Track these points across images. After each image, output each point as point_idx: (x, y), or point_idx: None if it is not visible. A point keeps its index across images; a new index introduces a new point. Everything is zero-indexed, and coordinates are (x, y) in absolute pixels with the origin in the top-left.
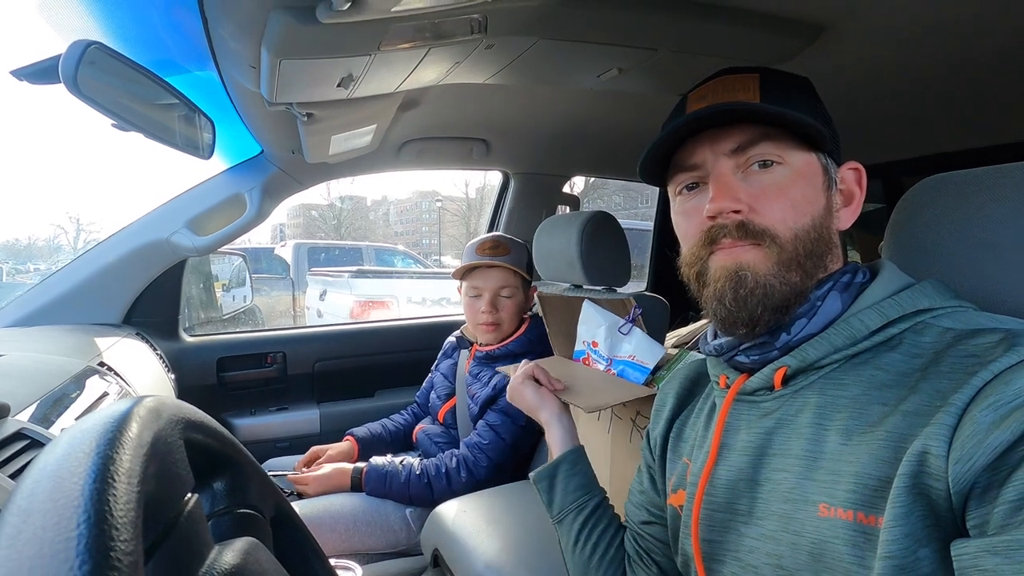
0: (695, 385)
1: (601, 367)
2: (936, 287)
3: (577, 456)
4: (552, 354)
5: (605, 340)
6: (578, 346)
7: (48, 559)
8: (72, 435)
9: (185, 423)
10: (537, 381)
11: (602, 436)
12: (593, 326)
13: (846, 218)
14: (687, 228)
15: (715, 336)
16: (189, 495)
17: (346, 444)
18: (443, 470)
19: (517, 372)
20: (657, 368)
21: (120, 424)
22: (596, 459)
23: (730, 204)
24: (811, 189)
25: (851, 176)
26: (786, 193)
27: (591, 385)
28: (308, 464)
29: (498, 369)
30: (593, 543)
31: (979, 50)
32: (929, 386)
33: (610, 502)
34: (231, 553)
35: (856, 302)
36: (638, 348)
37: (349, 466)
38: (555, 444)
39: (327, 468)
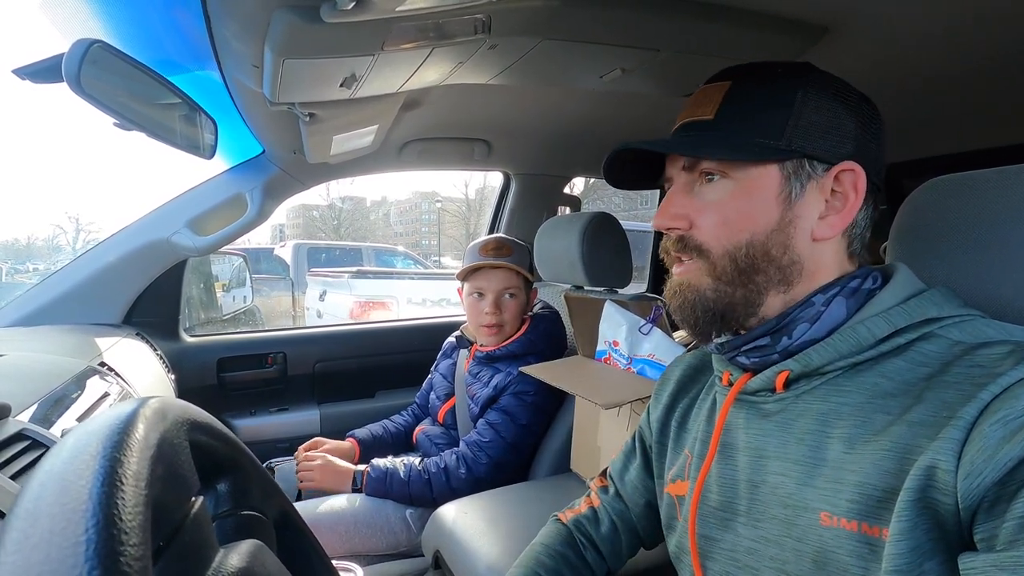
0: (698, 372)
1: (622, 366)
2: (944, 295)
3: None
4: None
5: (626, 340)
6: (600, 346)
7: (56, 564)
8: (78, 437)
9: (190, 424)
10: None
11: (620, 431)
12: (614, 326)
13: (827, 226)
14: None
15: None
16: (194, 497)
17: (347, 443)
18: (442, 467)
19: None
20: None
21: (126, 426)
22: (615, 453)
23: (667, 222)
24: (755, 203)
25: (846, 178)
26: (721, 209)
27: (609, 383)
28: (310, 450)
29: (522, 369)
30: None
31: (983, 51)
32: (935, 396)
33: None
34: (236, 556)
35: (864, 308)
36: (657, 347)
37: (352, 467)
38: None
39: (329, 459)
